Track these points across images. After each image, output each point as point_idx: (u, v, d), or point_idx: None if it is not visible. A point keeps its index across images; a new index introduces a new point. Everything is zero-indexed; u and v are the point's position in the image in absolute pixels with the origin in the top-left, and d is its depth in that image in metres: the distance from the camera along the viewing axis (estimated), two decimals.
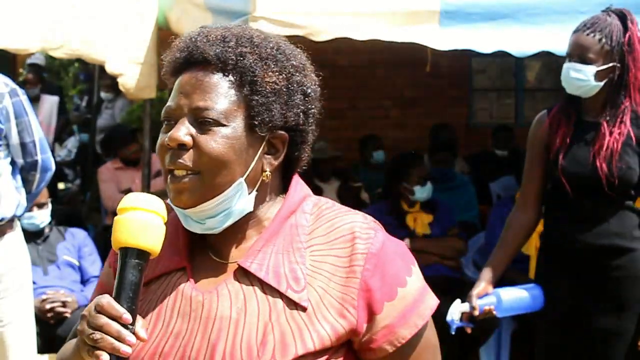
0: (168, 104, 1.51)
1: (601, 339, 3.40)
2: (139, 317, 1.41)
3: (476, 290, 3.40)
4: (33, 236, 5.07)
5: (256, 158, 1.48)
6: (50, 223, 5.20)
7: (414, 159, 5.43)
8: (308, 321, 1.43)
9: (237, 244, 1.51)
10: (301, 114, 1.51)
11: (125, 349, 1.36)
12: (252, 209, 1.50)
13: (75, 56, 5.22)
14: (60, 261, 5.18)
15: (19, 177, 3.90)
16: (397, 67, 8.52)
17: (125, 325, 1.37)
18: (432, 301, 1.53)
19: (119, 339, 1.36)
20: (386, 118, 9.03)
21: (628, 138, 3.34)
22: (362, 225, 1.50)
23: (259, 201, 1.52)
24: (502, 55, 4.16)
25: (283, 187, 1.56)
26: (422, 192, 5.22)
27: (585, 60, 3.27)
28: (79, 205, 8.48)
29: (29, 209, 4.41)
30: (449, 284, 4.87)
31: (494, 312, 3.41)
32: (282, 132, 1.50)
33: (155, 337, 1.47)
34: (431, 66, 4.95)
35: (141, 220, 1.42)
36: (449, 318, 3.41)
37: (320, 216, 1.52)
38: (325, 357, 1.44)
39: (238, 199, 1.48)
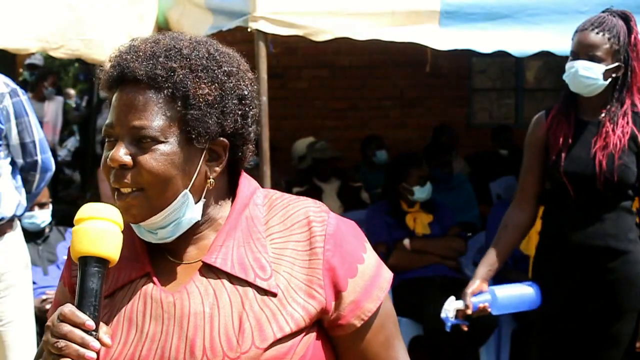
0: (107, 121, 1.53)
1: (599, 341, 3.39)
2: (102, 324, 1.43)
3: (471, 288, 3.40)
4: (33, 236, 5.07)
5: (198, 168, 1.51)
6: (50, 223, 5.20)
7: (414, 159, 5.43)
8: (280, 306, 1.48)
9: (195, 244, 1.56)
10: (239, 118, 1.53)
11: (90, 354, 1.38)
12: (199, 218, 1.53)
13: (75, 56, 5.22)
14: (60, 261, 5.18)
15: (19, 177, 3.90)
16: (397, 67, 8.53)
17: (89, 332, 1.40)
18: (388, 274, 1.60)
19: (83, 345, 1.39)
20: (386, 118, 9.03)
21: (634, 139, 3.35)
22: (315, 210, 1.55)
23: (209, 204, 1.56)
24: (502, 55, 4.16)
25: (232, 186, 1.60)
26: (421, 193, 5.22)
27: (594, 59, 3.26)
28: (79, 205, 8.48)
29: (29, 208, 4.41)
30: (449, 284, 4.87)
31: (489, 310, 3.41)
32: (222, 139, 1.52)
33: (130, 343, 1.49)
34: (431, 66, 4.96)
35: (98, 229, 1.45)
36: (443, 315, 3.41)
37: (273, 206, 1.58)
38: (302, 335, 1.49)
39: (186, 209, 1.51)
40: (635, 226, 3.39)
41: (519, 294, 3.47)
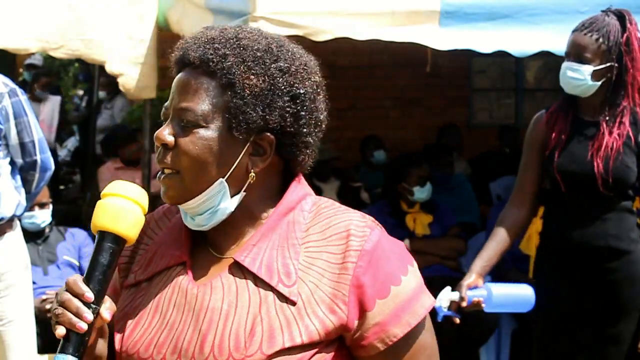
0: (166, 103, 1.56)
1: (600, 341, 3.39)
2: (107, 300, 1.46)
3: (467, 281, 3.37)
4: (33, 236, 5.07)
5: (238, 159, 1.50)
6: (50, 223, 5.20)
7: (414, 159, 5.43)
8: (297, 315, 1.45)
9: (235, 239, 1.54)
10: (288, 116, 1.50)
11: (80, 324, 1.41)
12: (232, 209, 1.52)
13: (75, 56, 5.22)
14: (60, 261, 5.19)
15: (18, 177, 3.90)
16: (397, 67, 8.53)
17: (87, 304, 1.43)
18: (428, 300, 1.52)
19: (77, 314, 1.42)
20: (386, 118, 9.03)
21: (627, 138, 3.34)
22: (359, 224, 1.51)
23: (253, 200, 1.54)
24: (502, 55, 4.16)
25: (284, 187, 1.57)
26: (421, 193, 5.22)
27: (582, 60, 3.27)
28: (79, 205, 8.48)
29: (29, 208, 4.41)
30: (449, 284, 4.87)
31: (483, 306, 3.37)
32: (268, 134, 1.50)
33: (152, 329, 1.51)
34: (431, 66, 4.96)
35: (118, 206, 1.47)
36: (437, 304, 3.33)
37: (318, 214, 1.54)
38: (315, 350, 1.46)
39: (221, 199, 1.51)
40: (636, 226, 3.39)
41: (515, 294, 3.45)
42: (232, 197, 1.51)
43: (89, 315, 1.42)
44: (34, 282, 4.26)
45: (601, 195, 3.32)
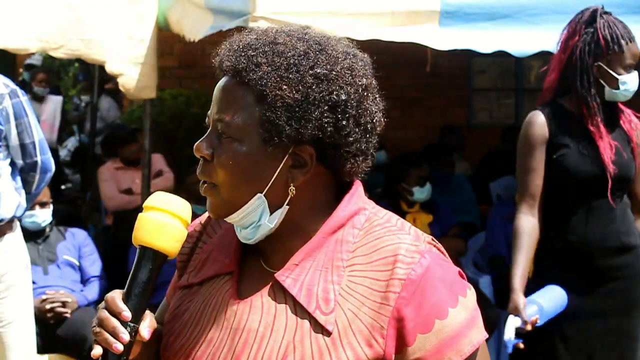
0: (209, 111, 1.49)
1: (613, 340, 3.38)
2: (147, 315, 1.42)
3: (521, 303, 3.26)
4: (33, 236, 5.07)
5: (276, 173, 1.41)
6: (50, 223, 5.20)
7: (414, 159, 5.43)
8: (331, 346, 1.37)
9: (283, 254, 1.45)
10: (327, 126, 1.39)
11: (117, 345, 1.37)
12: (272, 225, 1.44)
13: (75, 56, 5.22)
14: (60, 261, 5.19)
15: (18, 178, 3.90)
16: (397, 67, 8.53)
17: (125, 323, 1.39)
18: (477, 336, 1.40)
19: (113, 335, 1.38)
20: (386, 118, 8.97)
21: (625, 134, 3.39)
22: (409, 248, 1.39)
23: (299, 214, 1.44)
24: (502, 55, 4.16)
25: (338, 197, 1.47)
26: (421, 193, 5.22)
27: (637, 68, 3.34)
28: (79, 205, 8.48)
29: (30, 208, 4.41)
30: None
31: (538, 321, 3.28)
32: (307, 146, 1.41)
33: (192, 340, 1.47)
34: (431, 66, 4.96)
35: (159, 222, 1.43)
36: (506, 337, 3.24)
37: (369, 233, 1.43)
38: None
39: (262, 214, 1.43)
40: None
41: (555, 298, 3.35)
42: (275, 211, 1.43)
43: (125, 335, 1.38)
44: (34, 282, 4.27)
45: (610, 194, 3.32)
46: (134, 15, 5.13)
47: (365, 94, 1.47)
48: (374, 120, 1.49)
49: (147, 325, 1.42)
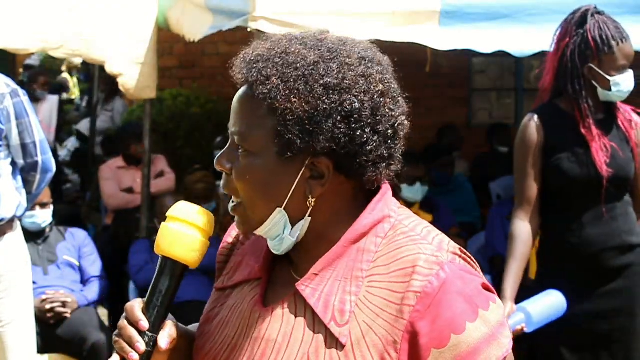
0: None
1: (617, 339, 3.38)
2: (167, 325, 1.43)
3: (506, 312, 3.21)
4: (33, 236, 5.07)
5: (294, 186, 1.38)
6: (51, 223, 5.20)
7: (409, 157, 5.42)
8: (344, 359, 1.34)
9: (310, 263, 1.42)
10: (340, 137, 1.35)
11: (132, 355, 1.38)
12: (294, 238, 1.42)
13: (75, 56, 5.24)
14: (60, 261, 5.19)
15: (19, 177, 3.90)
16: (397, 67, 8.53)
17: (143, 332, 1.39)
18: (497, 352, 1.34)
19: (130, 344, 1.39)
20: None
21: (623, 133, 3.39)
22: (429, 259, 1.34)
23: (323, 225, 1.41)
24: (502, 55, 4.16)
25: (364, 204, 1.43)
26: (409, 192, 5.21)
27: (631, 67, 3.33)
28: (79, 205, 8.48)
29: (30, 208, 4.42)
30: None
31: (525, 330, 3.27)
32: (324, 158, 1.37)
33: (219, 345, 1.47)
34: (431, 66, 4.95)
35: (179, 232, 1.44)
36: None
37: (391, 242, 1.39)
38: None
39: (285, 226, 1.41)
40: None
41: (549, 305, 3.33)
42: (297, 223, 1.41)
43: (141, 345, 1.38)
44: (34, 282, 4.27)
45: (610, 194, 3.32)
46: (134, 15, 5.13)
47: (381, 100, 1.43)
48: (396, 125, 1.46)
49: (166, 335, 1.41)
